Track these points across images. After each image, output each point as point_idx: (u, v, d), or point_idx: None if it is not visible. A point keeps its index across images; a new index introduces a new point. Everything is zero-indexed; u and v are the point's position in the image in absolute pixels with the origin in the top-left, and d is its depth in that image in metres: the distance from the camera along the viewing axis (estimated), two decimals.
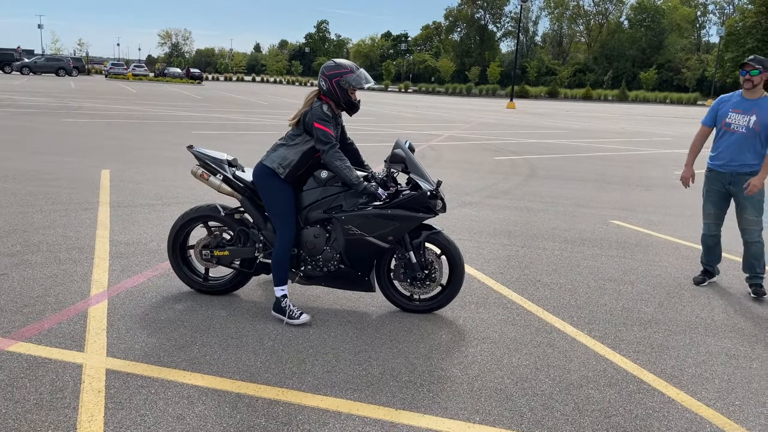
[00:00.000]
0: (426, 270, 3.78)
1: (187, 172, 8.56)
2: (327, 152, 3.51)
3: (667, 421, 2.81)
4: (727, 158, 4.62)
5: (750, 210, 4.59)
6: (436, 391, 2.96)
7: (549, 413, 2.83)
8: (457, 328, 3.73)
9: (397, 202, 3.61)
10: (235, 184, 3.82)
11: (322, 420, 2.66)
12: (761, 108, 4.50)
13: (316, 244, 3.70)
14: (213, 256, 3.90)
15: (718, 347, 3.65)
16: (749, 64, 4.49)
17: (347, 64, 3.61)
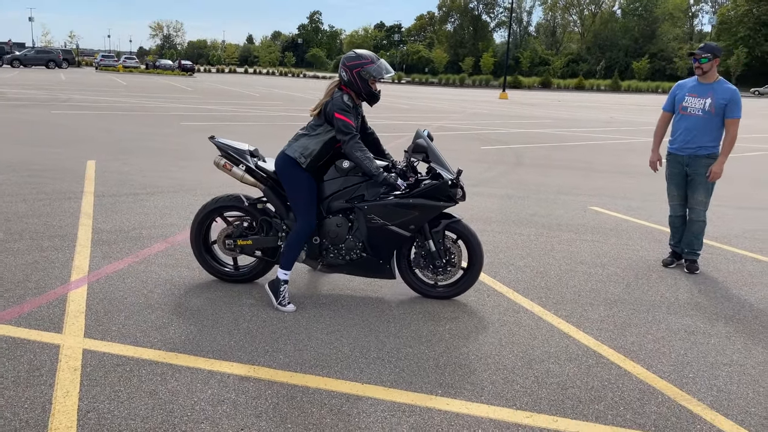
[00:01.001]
0: (445, 258, 3.85)
1: (171, 163, 8.64)
2: (347, 143, 3.56)
3: (620, 392, 2.95)
4: (684, 141, 4.80)
5: (702, 192, 4.79)
6: (402, 367, 3.08)
7: (509, 386, 2.95)
8: (428, 309, 3.85)
9: (419, 191, 3.68)
10: (257, 174, 3.87)
11: (290, 394, 2.77)
12: (716, 91, 4.67)
13: (339, 233, 3.77)
14: (236, 246, 3.96)
15: (679, 324, 3.79)
16: (697, 53, 4.69)
17: (368, 55, 3.64)
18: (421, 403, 2.75)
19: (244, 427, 2.51)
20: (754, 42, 75.37)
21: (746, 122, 24.35)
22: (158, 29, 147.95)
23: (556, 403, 2.81)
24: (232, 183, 7.35)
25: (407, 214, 3.68)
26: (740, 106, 4.70)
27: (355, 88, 3.63)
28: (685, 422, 2.71)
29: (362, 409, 2.68)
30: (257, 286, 4.05)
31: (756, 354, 3.42)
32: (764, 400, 2.93)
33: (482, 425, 2.61)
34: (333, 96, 3.63)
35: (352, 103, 3.62)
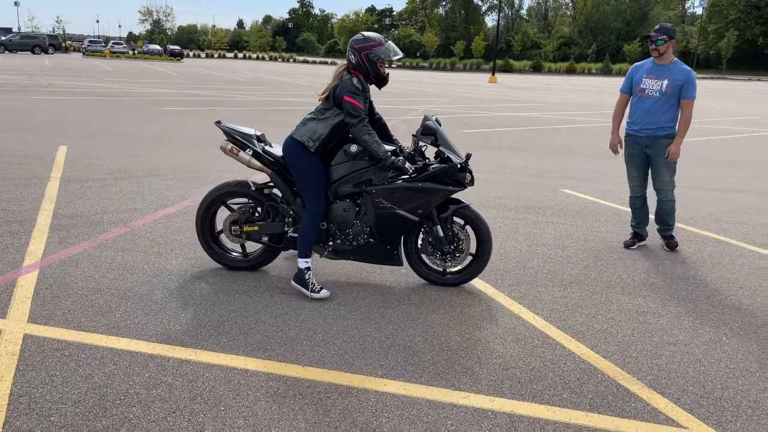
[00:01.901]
0: (453, 244, 3.82)
1: (144, 148, 8.57)
2: (356, 126, 3.53)
3: (561, 372, 2.96)
4: (643, 122, 4.82)
5: (665, 172, 4.82)
6: (346, 349, 3.08)
7: (450, 366, 2.96)
8: (381, 291, 3.85)
9: (427, 175, 3.63)
10: (264, 159, 3.82)
11: (227, 377, 2.77)
12: (673, 72, 4.71)
13: (346, 218, 3.74)
14: (242, 232, 3.91)
15: (630, 305, 3.80)
16: (654, 36, 4.71)
17: (375, 37, 3.60)
18: (359, 385, 2.76)
19: (176, 410, 2.50)
20: (745, 25, 75.23)
21: (732, 105, 24.41)
22: (148, 14, 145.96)
23: (495, 384, 2.82)
24: (205, 167, 7.31)
25: (415, 198, 3.64)
26: (695, 86, 4.75)
27: (364, 71, 3.59)
28: (621, 401, 2.73)
29: (298, 391, 2.68)
30: (212, 271, 4.03)
31: (702, 334, 3.44)
32: (703, 378, 2.95)
33: (417, 405, 2.62)
34: (342, 79, 3.58)
35: (361, 85, 3.59)
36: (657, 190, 4.92)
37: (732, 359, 3.15)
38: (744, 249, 5.02)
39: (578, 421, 2.56)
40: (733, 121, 17.48)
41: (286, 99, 18.66)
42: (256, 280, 3.93)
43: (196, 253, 4.34)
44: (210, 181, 6.59)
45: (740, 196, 7.14)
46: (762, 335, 3.44)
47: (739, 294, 4.05)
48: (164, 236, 4.67)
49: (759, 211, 6.35)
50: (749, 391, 2.85)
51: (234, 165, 7.58)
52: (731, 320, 3.63)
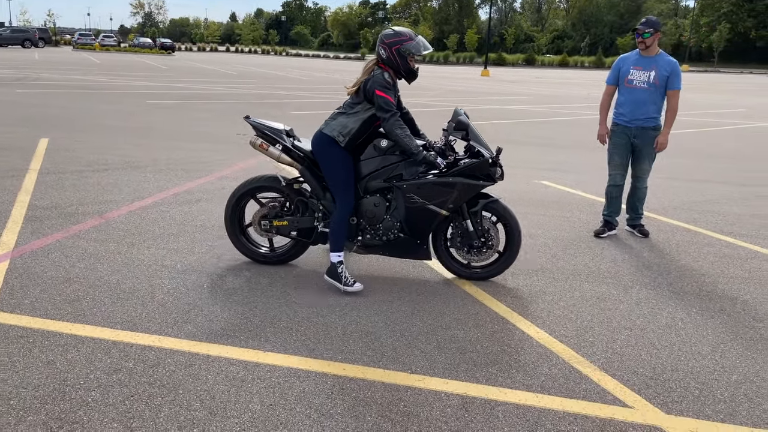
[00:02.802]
0: (483, 238, 3.82)
1: (126, 140, 8.57)
2: (388, 120, 3.52)
3: (517, 355, 3.03)
4: (633, 114, 4.90)
5: (647, 161, 4.96)
6: (309, 335, 3.14)
7: (408, 351, 3.03)
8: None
9: (458, 170, 3.64)
10: (294, 154, 3.82)
11: (188, 362, 2.82)
12: (659, 64, 4.80)
13: (376, 212, 3.74)
14: (272, 226, 3.93)
15: (593, 292, 3.88)
16: (640, 29, 4.79)
17: (406, 32, 3.60)
18: (318, 369, 2.82)
19: (135, 394, 2.56)
20: (737, 18, 75.41)
21: (720, 97, 24.54)
22: (139, 7, 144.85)
23: (451, 367, 2.89)
24: (185, 160, 7.33)
25: (446, 192, 3.65)
26: (681, 77, 4.86)
27: (394, 66, 3.59)
28: (572, 382, 2.80)
29: (257, 376, 2.74)
30: (182, 260, 4.08)
31: (660, 319, 3.52)
32: (655, 361, 3.03)
33: (373, 388, 2.68)
34: (373, 73, 3.58)
35: (392, 80, 3.60)
36: (635, 177, 5.05)
37: (685, 343, 3.23)
38: (711, 238, 5.11)
39: (528, 402, 2.63)
40: (719, 113, 17.60)
41: (275, 92, 18.64)
42: (226, 269, 3.98)
43: (168, 243, 4.38)
44: (189, 174, 6.63)
45: (715, 186, 7.23)
46: (718, 320, 3.52)
47: (701, 281, 4.13)
48: (138, 227, 4.71)
49: (731, 201, 6.44)
50: (699, 373, 2.93)
51: (213, 157, 7.61)
52: (689, 306, 3.71)
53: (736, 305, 3.74)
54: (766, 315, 3.61)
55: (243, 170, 6.93)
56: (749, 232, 5.27)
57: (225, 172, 6.80)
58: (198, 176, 6.52)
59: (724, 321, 3.51)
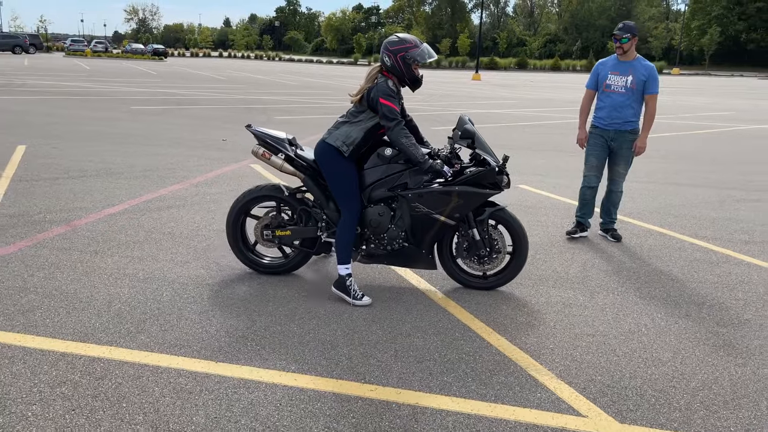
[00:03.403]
0: (489, 247, 3.77)
1: (105, 146, 8.51)
2: (393, 129, 3.47)
3: (475, 364, 2.99)
4: (611, 117, 4.94)
5: (624, 164, 4.98)
6: (263, 345, 3.09)
7: (364, 360, 2.98)
8: (310, 287, 3.85)
9: (465, 179, 3.59)
10: (297, 163, 3.77)
11: (137, 374, 2.77)
12: (636, 68, 4.84)
13: (381, 222, 3.68)
14: (275, 236, 3.87)
15: (559, 297, 3.84)
16: (618, 34, 4.83)
17: (411, 39, 3.54)
18: (268, 380, 2.76)
19: (76, 408, 2.50)
20: (728, 21, 75.94)
21: (709, 100, 24.63)
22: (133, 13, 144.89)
23: (405, 376, 2.84)
24: (162, 166, 7.27)
25: (452, 201, 3.60)
26: (658, 82, 4.91)
27: (398, 73, 3.54)
28: (527, 391, 2.76)
29: (205, 387, 2.68)
30: (144, 269, 4.02)
31: (623, 325, 3.48)
32: (614, 368, 2.99)
33: (323, 399, 2.63)
34: (377, 81, 3.52)
35: (396, 88, 3.55)
36: (611, 180, 5.07)
37: (646, 349, 3.20)
38: (684, 242, 5.08)
39: (480, 412, 2.58)
40: (705, 116, 17.65)
41: (263, 97, 18.59)
42: (189, 277, 3.92)
43: (133, 251, 4.32)
44: (164, 180, 6.57)
45: (694, 190, 7.22)
46: (682, 326, 3.49)
47: (669, 285, 4.10)
48: (105, 235, 4.65)
49: (707, 205, 6.43)
50: (657, 380, 2.89)
51: (191, 163, 7.56)
52: (655, 311, 3.68)
53: (702, 310, 3.71)
54: (731, 320, 3.58)
55: (219, 177, 6.88)
56: (722, 236, 5.26)
57: (200, 178, 6.74)
58: (173, 182, 6.46)
59: (688, 327, 3.48)
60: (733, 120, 16.60)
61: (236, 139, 9.85)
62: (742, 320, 3.58)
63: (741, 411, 2.66)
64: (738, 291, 4.03)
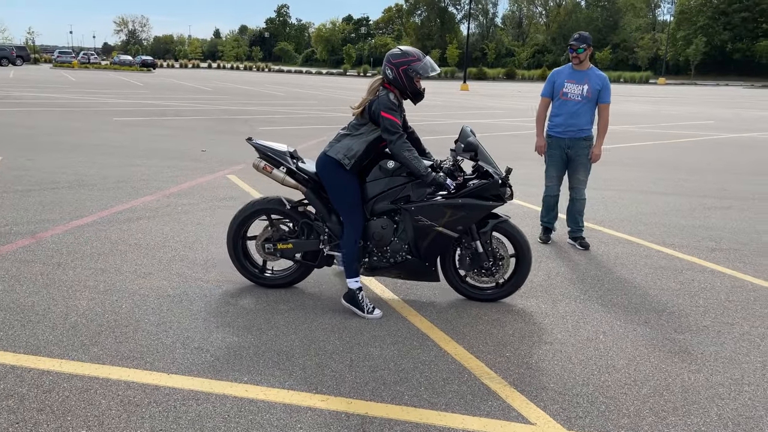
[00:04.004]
0: (492, 259, 3.76)
1: (82, 158, 8.47)
2: (395, 142, 3.46)
3: (429, 373, 2.98)
4: (567, 125, 5.03)
5: (583, 172, 5.07)
6: (218, 356, 3.07)
7: (319, 370, 2.97)
8: (273, 299, 3.84)
9: (468, 191, 3.58)
10: (299, 176, 3.75)
11: (85, 386, 2.74)
12: (591, 77, 4.97)
13: (384, 235, 3.66)
14: (276, 249, 3.84)
15: (521, 306, 3.85)
16: (575, 44, 4.93)
17: (414, 52, 3.53)
18: (219, 391, 2.74)
19: (21, 421, 2.47)
20: (713, 31, 77.01)
21: (692, 109, 24.91)
22: (123, 24, 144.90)
23: (359, 386, 2.83)
24: (136, 177, 7.24)
25: (456, 214, 3.58)
26: (611, 91, 5.04)
27: (400, 86, 3.53)
28: (478, 399, 2.76)
29: (154, 399, 2.66)
30: (105, 281, 4.00)
31: (582, 332, 3.50)
32: (568, 375, 3.00)
33: (272, 409, 2.62)
34: (378, 95, 3.51)
35: (397, 101, 3.54)
36: (572, 188, 5.14)
37: (602, 356, 3.21)
38: (651, 249, 5.12)
39: (428, 421, 2.58)
40: (687, 125, 17.85)
41: (247, 108, 18.61)
42: (150, 289, 3.89)
43: (96, 263, 4.30)
44: (137, 191, 6.54)
45: (666, 198, 7.28)
46: (640, 333, 3.51)
47: (632, 293, 4.13)
48: (70, 247, 4.62)
49: (678, 213, 6.49)
50: (609, 387, 2.90)
51: (166, 174, 7.53)
52: (615, 319, 3.69)
53: (661, 317, 3.73)
54: (689, 327, 3.60)
55: (193, 188, 6.86)
56: (689, 244, 5.30)
57: (174, 189, 6.72)
58: (146, 193, 6.44)
59: (645, 334, 3.50)
60: (713, 129, 16.80)
61: (215, 149, 9.84)
62: (700, 327, 3.61)
63: (690, 417, 2.67)
64: (699, 298, 4.06)
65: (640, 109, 24.56)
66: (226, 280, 4.07)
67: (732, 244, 5.30)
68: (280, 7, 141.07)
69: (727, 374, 3.05)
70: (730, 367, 3.13)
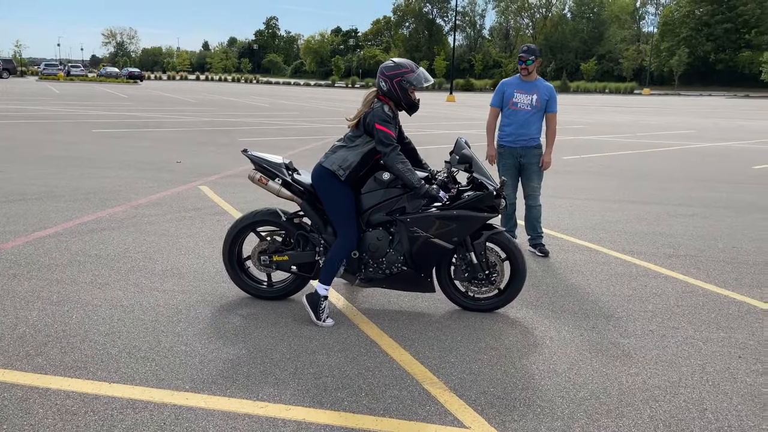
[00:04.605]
0: (487, 270, 3.77)
1: (54, 170, 8.46)
2: (388, 154, 3.49)
3: (372, 378, 3.01)
4: (518, 134, 5.16)
5: (536, 179, 5.18)
6: (163, 364, 3.07)
7: (262, 378, 2.99)
8: (224, 308, 3.85)
9: (463, 203, 3.61)
10: (294, 188, 3.76)
11: (25, 396, 2.73)
12: (539, 88, 5.13)
13: (380, 246, 3.68)
14: (272, 262, 3.84)
15: (471, 313, 3.88)
16: (524, 56, 5.09)
17: (407, 64, 3.57)
18: (159, 399, 2.75)
19: None
20: (696, 42, 78.28)
21: (673, 119, 25.24)
22: (111, 37, 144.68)
23: (300, 393, 2.86)
24: (106, 188, 7.24)
25: (451, 225, 3.60)
26: (557, 101, 5.21)
27: (395, 98, 3.56)
28: (417, 404, 2.79)
29: (92, 409, 2.66)
30: (59, 291, 4.00)
31: (529, 338, 3.54)
32: (509, 380, 3.04)
33: (210, 417, 2.63)
34: (373, 106, 3.54)
35: (392, 113, 3.56)
36: (527, 196, 5.25)
37: (546, 361, 3.25)
38: (609, 256, 5.20)
39: (364, 426, 2.60)
40: (666, 135, 18.08)
41: (230, 119, 18.64)
42: (103, 299, 3.90)
43: (53, 274, 4.30)
44: (105, 202, 6.54)
45: (633, 206, 7.38)
46: (586, 338, 3.56)
47: (584, 299, 4.18)
48: (28, 258, 4.61)
49: (642, 220, 6.58)
50: (547, 391, 2.94)
51: (137, 185, 7.54)
52: (563, 325, 3.75)
53: (609, 323, 3.79)
54: (634, 332, 3.66)
55: (162, 198, 6.87)
56: (648, 250, 5.38)
57: (143, 200, 6.73)
58: (114, 204, 6.44)
59: (591, 338, 3.55)
60: (690, 138, 17.04)
61: (192, 160, 9.86)
62: (645, 331, 3.67)
63: (622, 419, 2.71)
64: (649, 303, 4.13)
65: (621, 119, 24.88)
66: (181, 290, 4.09)
67: (689, 251, 5.39)
68: (269, 19, 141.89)
69: (665, 377, 3.10)
70: (669, 370, 3.19)
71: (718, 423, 2.70)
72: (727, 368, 3.22)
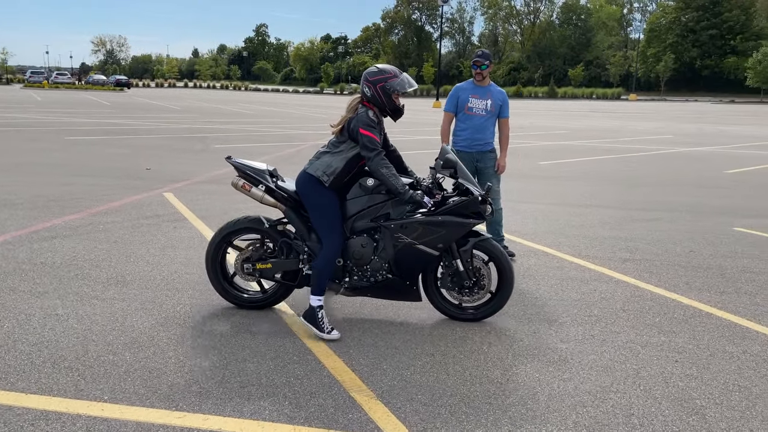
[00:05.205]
0: (474, 278, 3.72)
1: (16, 177, 8.35)
2: (373, 159, 3.46)
3: (300, 386, 2.95)
4: (473, 139, 5.18)
5: (495, 182, 5.17)
6: (86, 375, 3.00)
7: (187, 387, 2.92)
8: (161, 317, 3.78)
9: (448, 209, 3.56)
10: (278, 195, 3.71)
11: None
12: (493, 93, 5.15)
13: (364, 253, 3.62)
14: (255, 270, 3.78)
15: (417, 318, 3.84)
16: (479, 61, 5.09)
17: (390, 69, 3.55)
18: (74, 411, 2.68)
19: None
20: (682, 48, 78.92)
21: (658, 125, 25.41)
22: (101, 44, 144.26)
23: (221, 402, 2.79)
24: (68, 196, 7.15)
25: (436, 232, 3.55)
26: (509, 107, 5.26)
27: (379, 104, 3.54)
28: (340, 413, 2.73)
29: (3, 419, 2.59)
30: (3, 301, 3.92)
31: (468, 344, 3.50)
32: (439, 386, 2.99)
33: (124, 427, 2.57)
34: (357, 112, 3.52)
35: (376, 118, 3.54)
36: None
37: (479, 368, 3.21)
38: (564, 261, 5.17)
39: None
40: (647, 140, 18.18)
41: (209, 126, 18.57)
42: (36, 307, 3.82)
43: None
44: (63, 210, 6.45)
45: (598, 211, 7.38)
46: (525, 343, 3.52)
47: (530, 304, 4.15)
48: None
49: (604, 225, 6.57)
50: (476, 398, 2.90)
51: (100, 192, 7.45)
52: (504, 330, 3.71)
53: (551, 328, 3.76)
54: (575, 336, 3.63)
55: (122, 206, 6.79)
56: (604, 255, 5.36)
57: (102, 207, 6.65)
58: (71, 212, 6.36)
59: (530, 344, 3.51)
60: (671, 143, 17.14)
61: (164, 167, 9.79)
62: (586, 336, 3.64)
63: (546, 425, 2.67)
64: (595, 308, 4.10)
65: (606, 125, 25.00)
66: (122, 299, 4.02)
67: (645, 255, 5.38)
68: (259, 27, 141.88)
69: (597, 382, 3.07)
70: (603, 374, 3.15)
71: (643, 428, 2.67)
72: (662, 373, 3.19)
